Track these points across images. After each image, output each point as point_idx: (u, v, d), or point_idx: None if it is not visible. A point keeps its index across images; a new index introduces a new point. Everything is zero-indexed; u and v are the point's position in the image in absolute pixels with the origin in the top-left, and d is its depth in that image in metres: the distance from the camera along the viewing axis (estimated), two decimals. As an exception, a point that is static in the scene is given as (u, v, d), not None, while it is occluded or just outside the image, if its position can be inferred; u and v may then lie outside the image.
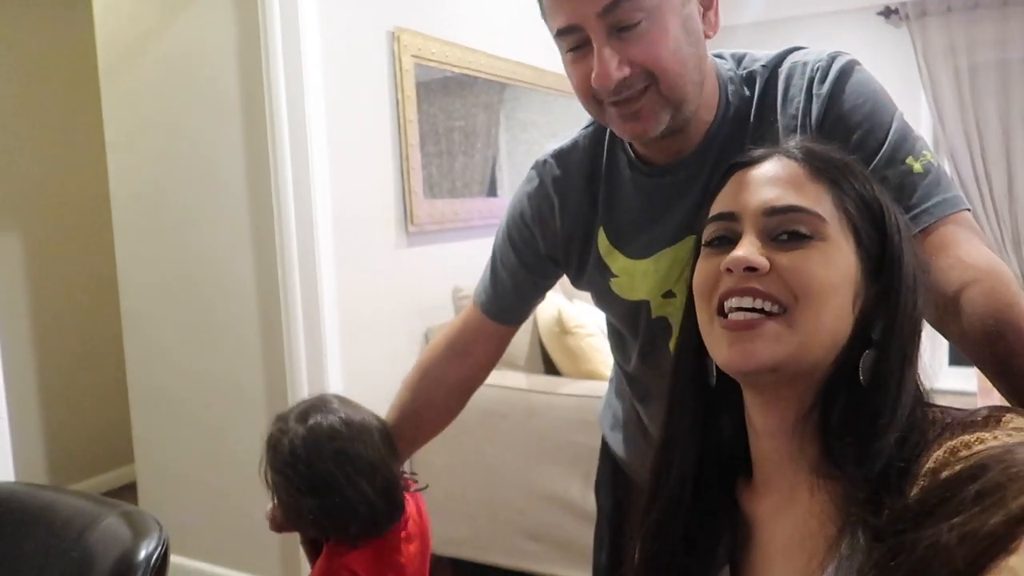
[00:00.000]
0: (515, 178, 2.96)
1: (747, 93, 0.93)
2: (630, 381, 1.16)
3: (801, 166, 0.65)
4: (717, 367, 0.66)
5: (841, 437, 0.59)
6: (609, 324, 1.16)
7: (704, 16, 0.87)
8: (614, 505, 1.28)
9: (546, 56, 3.08)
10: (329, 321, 2.18)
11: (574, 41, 0.84)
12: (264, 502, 1.17)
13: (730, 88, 0.93)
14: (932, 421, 0.59)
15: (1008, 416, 0.55)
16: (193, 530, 2.46)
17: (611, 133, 1.00)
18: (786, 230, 0.62)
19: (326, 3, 2.14)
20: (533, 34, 3.15)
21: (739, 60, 0.96)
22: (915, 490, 0.53)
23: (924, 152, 0.85)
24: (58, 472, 3.27)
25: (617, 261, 1.01)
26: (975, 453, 0.52)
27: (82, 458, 3.36)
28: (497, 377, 2.31)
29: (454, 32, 2.61)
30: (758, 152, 0.69)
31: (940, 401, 0.64)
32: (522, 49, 2.90)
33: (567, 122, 3.31)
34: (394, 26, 2.36)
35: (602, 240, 1.02)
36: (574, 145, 1.04)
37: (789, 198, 0.63)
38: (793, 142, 0.69)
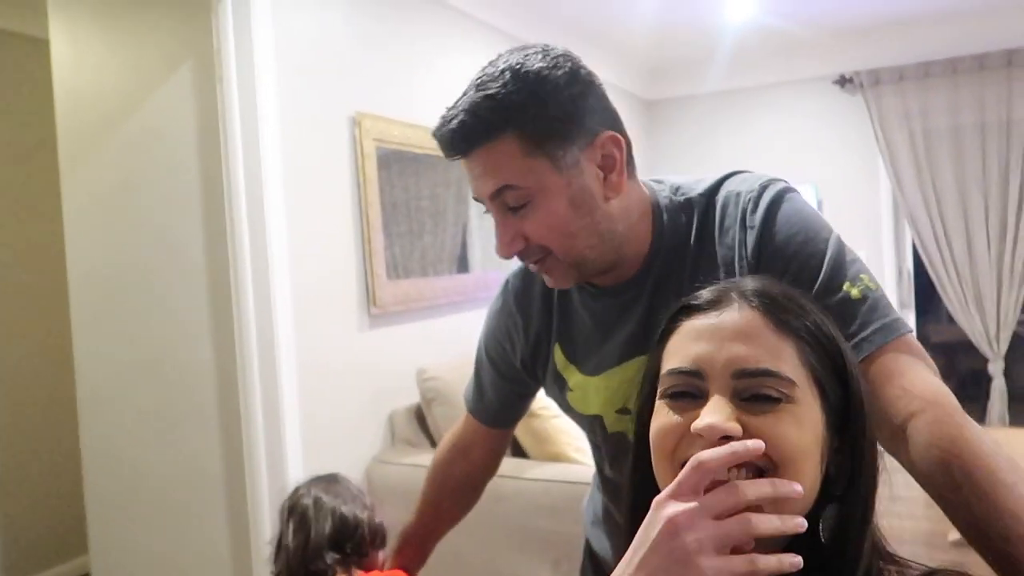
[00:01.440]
0: (487, 252, 2.96)
1: (683, 220, 0.96)
2: (604, 481, 1.17)
3: (763, 318, 0.62)
4: None
5: None
6: None
7: (605, 180, 0.90)
8: None
9: (510, 132, 3.12)
10: (289, 406, 2.14)
11: (486, 207, 0.92)
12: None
13: (665, 216, 0.96)
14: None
15: None
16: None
17: None
18: (755, 393, 0.60)
19: (286, 90, 2.16)
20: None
21: (676, 188, 0.99)
22: None
23: (861, 276, 0.86)
24: (12, 564, 3.14)
25: (573, 376, 1.05)
26: None
27: (37, 549, 3.23)
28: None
29: (415, 113, 2.64)
30: (710, 295, 0.67)
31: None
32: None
33: (532, 195, 3.35)
34: (355, 111, 2.38)
35: (558, 355, 1.06)
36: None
37: (760, 359, 0.60)
38: (750, 286, 0.66)
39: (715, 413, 0.59)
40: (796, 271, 0.86)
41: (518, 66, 0.87)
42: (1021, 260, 3.79)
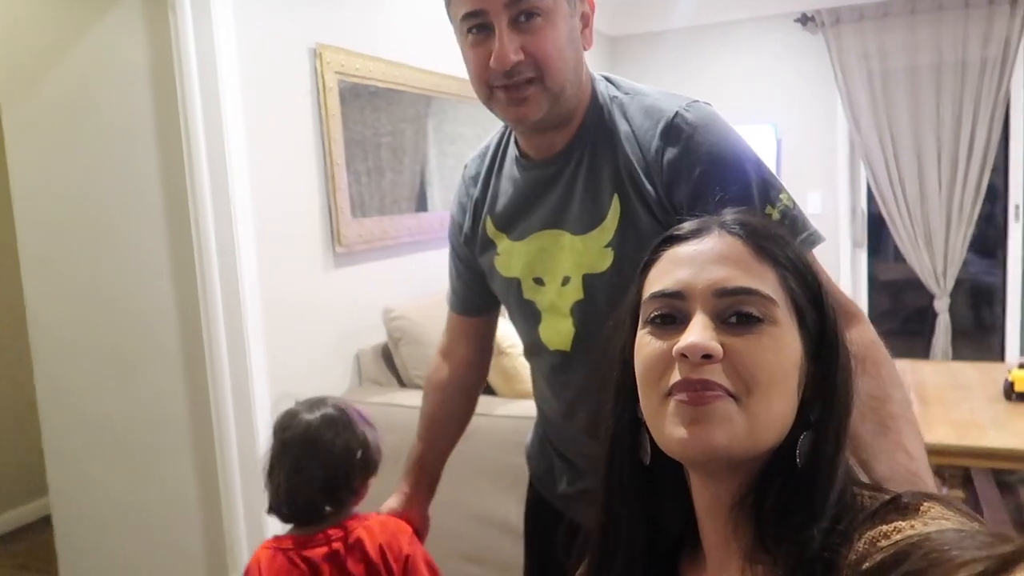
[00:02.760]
0: (444, 192, 2.93)
1: (611, 114, 1.05)
2: (540, 399, 1.28)
3: (745, 244, 0.63)
4: (653, 444, 0.65)
5: (773, 523, 0.59)
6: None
7: (583, 32, 1.03)
8: (535, 531, 1.36)
9: (473, 67, 3.05)
10: (255, 347, 2.11)
11: (477, 25, 0.97)
12: (192, 535, 1.16)
13: (598, 102, 1.06)
14: (860, 507, 0.59)
15: (927, 504, 0.55)
16: (113, 565, 2.36)
17: (509, 133, 1.16)
18: (737, 311, 0.61)
19: (244, 21, 2.07)
20: (457, 45, 3.13)
21: (608, 80, 1.09)
22: None
23: (780, 196, 0.98)
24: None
25: (502, 241, 1.17)
26: (894, 543, 0.52)
27: (-4, 491, 3.19)
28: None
29: (377, 46, 2.56)
30: (692, 225, 0.68)
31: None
32: (447, 61, 2.87)
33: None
34: (315, 43, 2.30)
35: (489, 225, 1.18)
36: (487, 147, 1.21)
37: (740, 279, 0.61)
38: (730, 217, 0.67)
39: (697, 332, 0.59)
40: (725, 197, 0.89)
41: None
42: (970, 200, 3.90)
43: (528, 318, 1.17)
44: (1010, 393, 2.40)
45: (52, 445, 2.43)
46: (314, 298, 2.32)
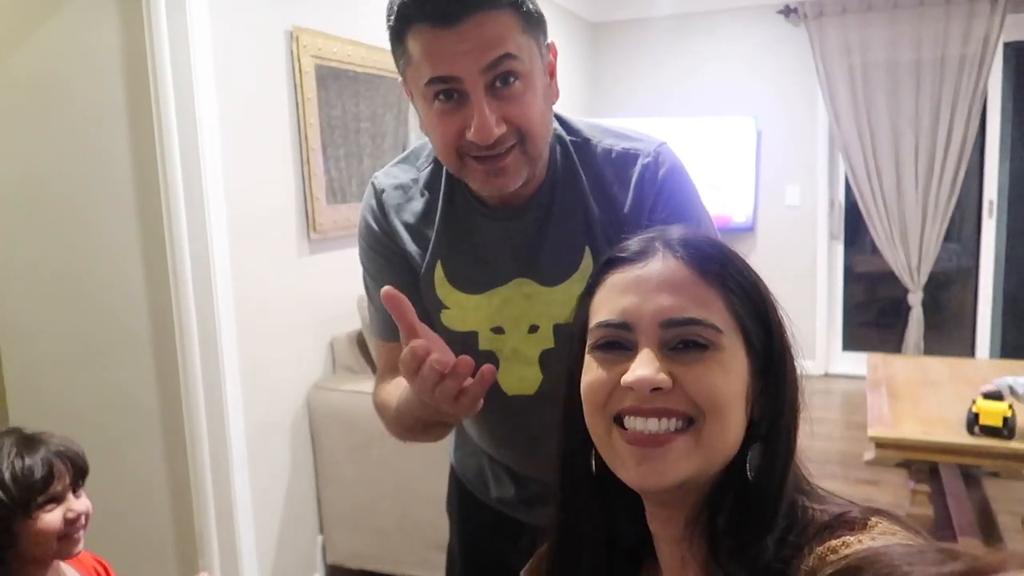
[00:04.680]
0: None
1: (576, 160, 1.01)
2: None
3: (689, 268, 0.62)
4: (598, 457, 0.66)
5: (727, 539, 0.60)
6: None
7: (550, 84, 0.96)
8: (462, 521, 1.30)
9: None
10: (227, 332, 2.09)
11: (448, 92, 0.87)
12: (162, 524, 1.13)
13: (559, 148, 1.01)
14: (810, 520, 0.59)
15: (874, 519, 0.56)
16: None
17: (448, 175, 1.03)
18: (683, 340, 0.61)
19: (218, 2, 2.02)
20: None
21: (569, 126, 1.04)
22: None
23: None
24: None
25: (450, 295, 1.06)
26: (843, 557, 0.53)
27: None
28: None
29: (355, 30, 2.52)
30: (636, 246, 0.66)
31: (834, 384, 0.67)
32: (429, 46, 2.84)
33: (476, 119, 3.28)
34: (292, 25, 2.26)
35: (439, 275, 1.06)
36: (414, 182, 1.08)
37: (686, 309, 0.61)
38: (675, 235, 0.66)
39: (645, 366, 0.59)
40: None
41: None
42: (945, 195, 3.94)
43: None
44: (972, 426, 2.19)
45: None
46: (288, 285, 2.30)
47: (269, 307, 2.23)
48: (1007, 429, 2.16)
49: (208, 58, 1.99)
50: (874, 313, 4.74)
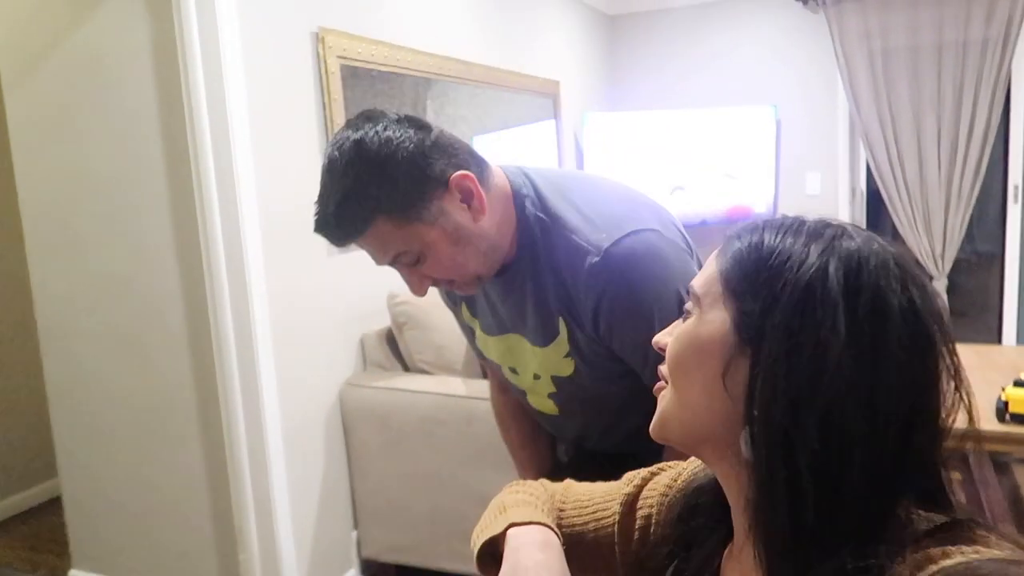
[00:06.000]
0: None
1: (537, 237, 1.10)
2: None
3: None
4: None
5: (777, 533, 0.57)
6: None
7: (470, 207, 1.04)
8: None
9: (472, 48, 3.04)
10: (261, 331, 2.13)
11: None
12: (201, 517, 1.18)
13: (527, 222, 1.10)
14: (905, 521, 0.55)
15: (982, 532, 0.54)
16: (124, 546, 2.39)
17: None
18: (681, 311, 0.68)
19: (246, 5, 2.06)
20: (458, 27, 3.11)
21: (538, 199, 1.11)
22: None
23: None
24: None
25: (477, 328, 1.28)
26: (940, 568, 0.50)
27: (6, 473, 3.22)
28: (435, 384, 2.31)
29: (378, 29, 2.54)
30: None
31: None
32: (447, 43, 2.86)
33: (497, 115, 3.29)
34: (318, 27, 2.29)
35: (465, 311, 1.29)
36: None
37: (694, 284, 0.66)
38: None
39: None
40: (628, 346, 1.09)
41: (366, 154, 0.97)
42: (969, 182, 3.90)
43: (515, 389, 1.31)
44: (1003, 414, 2.18)
45: (61, 428, 2.45)
46: (319, 283, 2.33)
47: (302, 306, 2.27)
48: (1038, 415, 2.16)
49: (238, 59, 2.03)
50: (898, 300, 4.71)
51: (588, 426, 1.29)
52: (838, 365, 0.53)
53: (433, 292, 1.48)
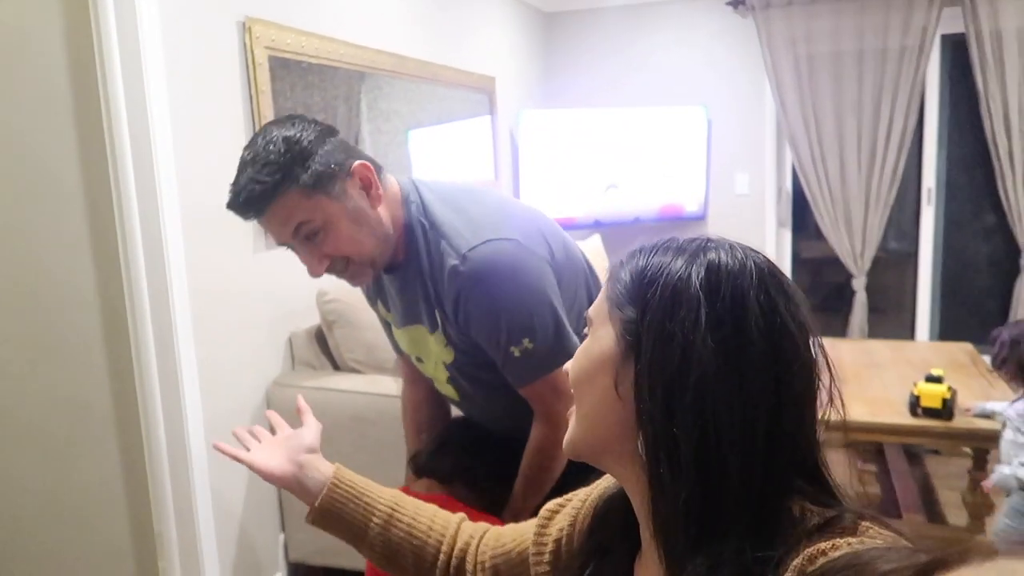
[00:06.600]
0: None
1: (418, 238, 1.26)
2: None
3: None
4: None
5: (673, 532, 0.61)
6: None
7: (368, 194, 1.22)
8: None
9: (407, 43, 3.00)
10: (183, 329, 2.05)
11: (290, 247, 1.22)
12: (119, 526, 1.12)
13: (412, 224, 1.27)
14: (802, 523, 0.59)
15: (865, 524, 0.58)
16: (36, 558, 2.28)
17: None
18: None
19: (166, -9, 1.97)
20: (393, 20, 3.06)
21: (422, 207, 1.27)
22: None
23: (523, 340, 1.22)
24: None
25: (391, 320, 1.43)
26: (831, 560, 0.54)
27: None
28: (366, 383, 2.28)
29: (310, 21, 2.48)
30: None
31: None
32: (382, 36, 2.81)
33: (432, 110, 3.26)
34: (244, 16, 2.22)
35: (380, 307, 1.47)
36: None
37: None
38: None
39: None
40: (482, 341, 1.26)
41: (284, 136, 1.14)
42: (887, 183, 4.07)
43: (428, 378, 1.49)
44: (915, 408, 2.30)
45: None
46: (245, 280, 2.27)
47: (226, 303, 2.20)
48: (946, 410, 2.27)
49: (158, 49, 1.94)
50: (820, 298, 4.87)
51: (487, 410, 1.46)
52: (703, 347, 0.59)
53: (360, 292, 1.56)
